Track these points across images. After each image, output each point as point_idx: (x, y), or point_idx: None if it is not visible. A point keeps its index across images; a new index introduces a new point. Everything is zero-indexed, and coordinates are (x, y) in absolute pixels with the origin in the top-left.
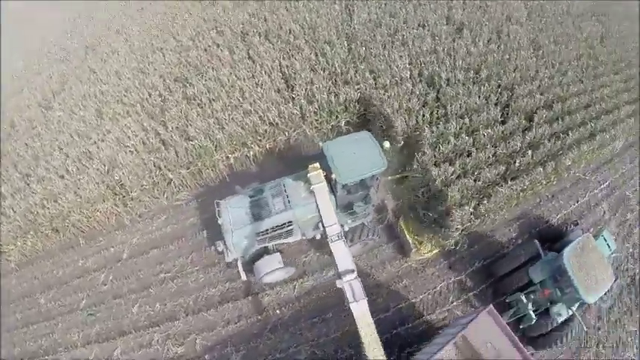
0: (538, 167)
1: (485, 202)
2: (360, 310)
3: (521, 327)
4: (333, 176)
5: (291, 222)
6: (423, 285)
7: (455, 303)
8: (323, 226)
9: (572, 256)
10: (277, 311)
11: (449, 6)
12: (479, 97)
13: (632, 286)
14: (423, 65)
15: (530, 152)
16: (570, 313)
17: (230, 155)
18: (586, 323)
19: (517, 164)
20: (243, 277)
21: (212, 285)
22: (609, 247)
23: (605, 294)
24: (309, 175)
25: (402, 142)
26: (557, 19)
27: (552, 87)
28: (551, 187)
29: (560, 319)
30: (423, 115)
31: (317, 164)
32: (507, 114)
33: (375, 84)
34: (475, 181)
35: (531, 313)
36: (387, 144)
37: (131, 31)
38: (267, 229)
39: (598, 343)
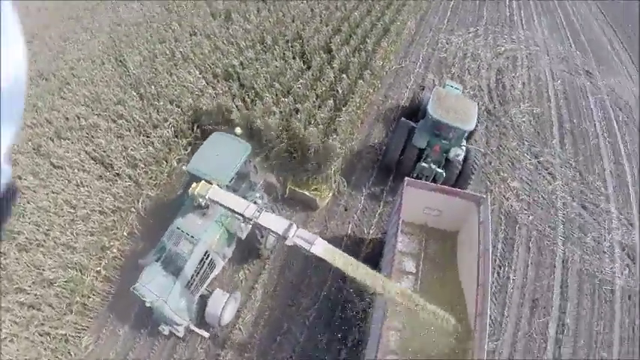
0: (358, 82)
1: (335, 137)
2: (322, 249)
3: None
4: (215, 185)
5: (207, 252)
6: (335, 238)
7: (372, 231)
8: (242, 216)
9: (436, 108)
10: None
11: (209, 4)
12: (276, 60)
13: (490, 115)
14: (213, 66)
15: (344, 75)
16: (464, 148)
17: (99, 268)
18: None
19: (340, 92)
20: (206, 334)
21: None
22: (457, 89)
23: (477, 120)
24: (195, 192)
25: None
26: None
27: (332, 14)
28: (380, 90)
29: (461, 157)
30: (237, 106)
31: (194, 184)
32: (308, 58)
33: (181, 110)
34: (316, 126)
35: (438, 170)
36: (237, 130)
37: None
38: (192, 276)
39: (497, 171)
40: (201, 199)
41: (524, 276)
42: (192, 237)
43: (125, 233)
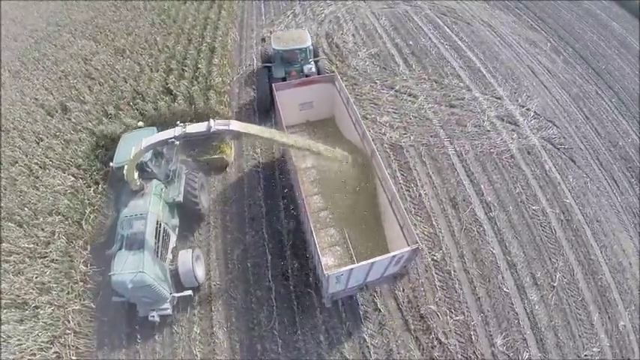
0: (208, 103)
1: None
2: (237, 125)
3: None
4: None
5: (158, 221)
6: (252, 169)
7: (275, 154)
8: (175, 138)
9: (278, 43)
10: None
11: (41, 105)
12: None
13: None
14: (72, 160)
15: (192, 106)
16: (313, 62)
17: None
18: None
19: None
20: (189, 292)
21: None
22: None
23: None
24: (126, 177)
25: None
26: None
27: (157, 59)
28: (231, 103)
29: (314, 69)
30: None
31: (123, 172)
32: (155, 108)
33: (63, 215)
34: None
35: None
36: (140, 123)
37: None
38: (155, 244)
39: (364, 116)
40: (135, 180)
41: (433, 185)
42: (140, 214)
43: None
